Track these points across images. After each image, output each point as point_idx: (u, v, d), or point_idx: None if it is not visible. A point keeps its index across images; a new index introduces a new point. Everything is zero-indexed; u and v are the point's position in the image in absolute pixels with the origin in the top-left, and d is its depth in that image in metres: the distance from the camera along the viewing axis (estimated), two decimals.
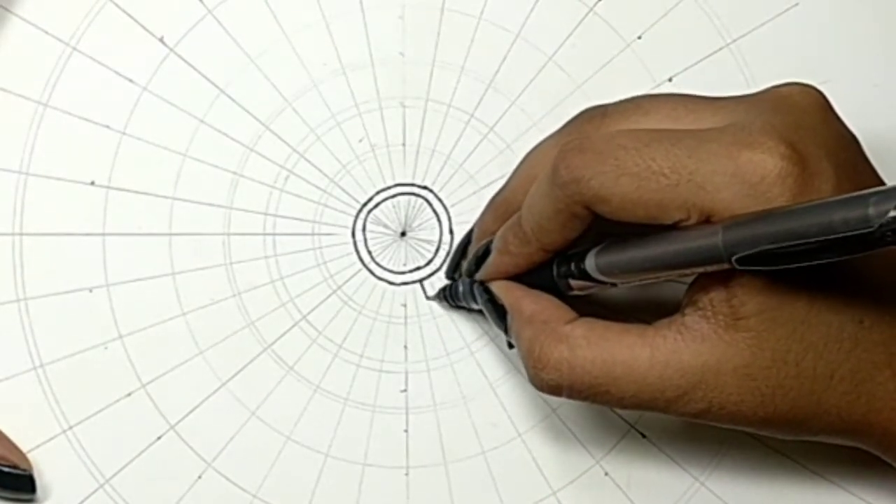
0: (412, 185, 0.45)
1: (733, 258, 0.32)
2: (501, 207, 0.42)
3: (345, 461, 0.43)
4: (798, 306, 0.34)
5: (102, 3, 0.45)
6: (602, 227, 0.37)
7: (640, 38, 0.46)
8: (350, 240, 0.45)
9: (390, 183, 0.45)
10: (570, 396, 0.37)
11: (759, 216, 0.32)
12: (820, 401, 0.35)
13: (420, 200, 0.45)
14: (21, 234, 0.44)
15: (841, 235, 0.29)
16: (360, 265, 0.45)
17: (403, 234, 0.45)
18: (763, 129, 0.34)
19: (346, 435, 0.43)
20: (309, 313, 0.44)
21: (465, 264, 0.43)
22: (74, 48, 0.45)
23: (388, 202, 0.45)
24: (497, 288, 0.41)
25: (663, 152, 0.34)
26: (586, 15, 0.46)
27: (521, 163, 0.41)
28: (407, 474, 0.43)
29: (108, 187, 0.44)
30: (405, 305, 0.44)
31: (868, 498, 0.43)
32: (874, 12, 0.46)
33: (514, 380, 0.44)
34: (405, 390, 0.44)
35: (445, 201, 0.45)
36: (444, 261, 0.45)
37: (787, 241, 0.31)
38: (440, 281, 0.45)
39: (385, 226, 0.45)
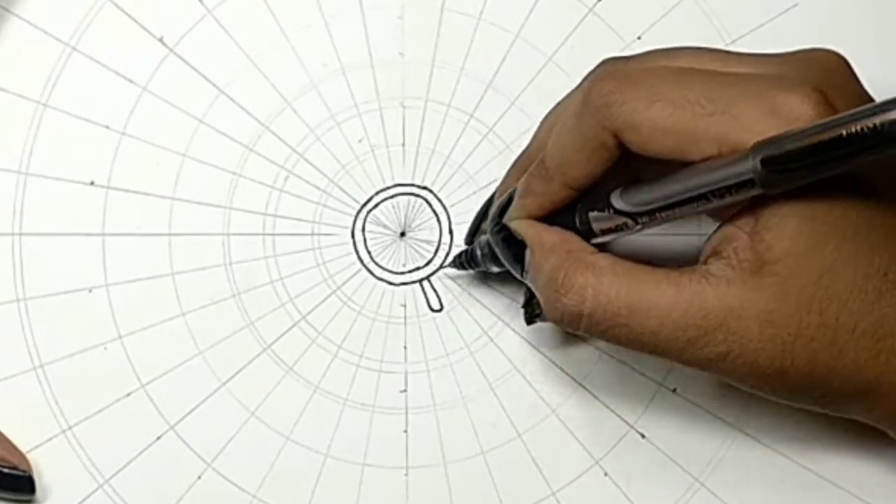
0: (412, 185, 0.45)
1: (759, 158, 0.32)
2: (525, 164, 0.41)
3: (344, 461, 0.43)
4: (825, 253, 0.34)
5: (102, 3, 0.45)
6: (626, 175, 0.37)
7: (639, 38, 0.46)
8: (349, 240, 0.45)
9: (390, 183, 0.45)
10: (587, 328, 0.36)
11: (787, 134, 0.32)
12: (839, 354, 0.34)
13: (420, 201, 0.45)
14: (21, 234, 0.44)
15: (870, 133, 0.30)
16: (359, 265, 0.45)
17: (403, 234, 0.45)
18: (798, 78, 0.34)
19: (346, 435, 0.43)
20: (308, 313, 0.44)
21: (485, 225, 0.42)
22: (74, 48, 0.45)
23: (388, 202, 0.45)
24: (517, 225, 0.39)
25: (700, 83, 0.34)
26: (586, 15, 0.46)
27: (543, 120, 0.41)
28: (406, 474, 0.43)
29: (107, 187, 0.44)
30: (405, 306, 0.44)
31: (868, 498, 0.43)
32: (874, 12, 0.46)
33: (514, 380, 0.44)
34: (405, 390, 0.44)
35: (445, 201, 0.45)
36: (444, 261, 0.45)
37: (816, 140, 0.31)
38: (441, 280, 0.45)
39: (384, 226, 0.45)
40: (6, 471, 0.40)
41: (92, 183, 0.44)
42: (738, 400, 0.43)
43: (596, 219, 0.37)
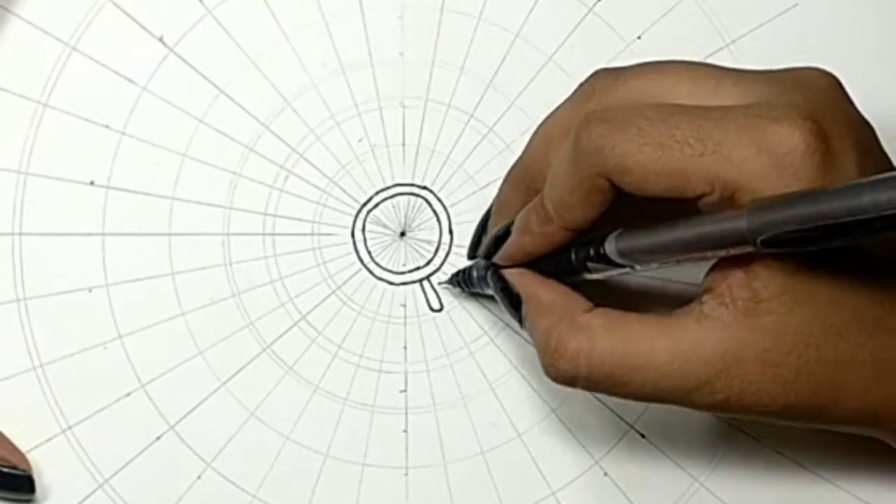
0: (412, 185, 0.45)
1: (759, 239, 0.32)
2: (518, 175, 0.41)
3: (344, 461, 0.43)
4: (820, 288, 0.34)
5: (102, 3, 0.45)
6: (622, 216, 0.37)
7: (639, 38, 0.46)
8: (349, 240, 0.45)
9: (390, 183, 0.45)
10: (585, 388, 0.36)
11: (786, 198, 0.32)
12: (841, 385, 0.34)
13: (420, 200, 0.45)
14: (20, 234, 0.44)
15: (869, 217, 0.30)
16: (359, 265, 0.45)
17: (403, 234, 0.45)
18: (789, 106, 0.34)
19: (346, 435, 0.43)
20: (308, 313, 0.44)
21: (484, 242, 0.43)
22: (74, 48, 0.45)
23: (388, 202, 0.45)
24: (512, 276, 0.40)
25: (688, 122, 0.34)
26: (586, 15, 0.46)
27: (537, 130, 0.41)
28: (406, 474, 0.43)
29: (107, 187, 0.44)
30: (405, 305, 0.44)
31: (868, 498, 0.43)
32: (874, 12, 0.46)
33: (513, 380, 0.44)
34: (404, 390, 0.44)
35: (445, 201, 0.45)
36: (444, 261, 0.45)
37: (815, 223, 0.31)
38: (441, 280, 0.45)
39: (384, 226, 0.45)
40: (6, 471, 0.40)
41: (92, 183, 0.44)
42: None
43: (591, 264, 0.38)
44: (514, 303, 0.40)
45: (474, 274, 0.43)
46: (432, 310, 0.44)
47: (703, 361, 0.34)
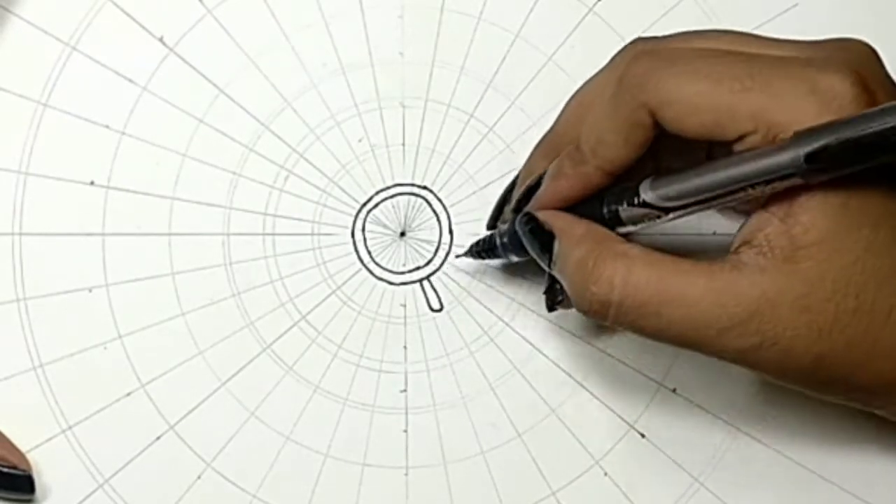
0: (412, 185, 0.45)
1: (804, 153, 0.32)
2: (551, 143, 0.41)
3: (344, 461, 0.43)
4: (860, 236, 0.34)
5: (102, 3, 0.45)
6: (652, 165, 0.36)
7: None
8: (349, 240, 0.45)
9: (390, 183, 0.45)
10: (615, 318, 0.36)
11: (829, 125, 0.32)
12: (876, 340, 0.34)
13: (419, 200, 0.45)
14: (21, 234, 0.44)
15: None
16: (359, 265, 0.45)
17: (403, 234, 0.45)
18: (836, 60, 0.34)
19: (346, 435, 0.43)
20: (308, 313, 0.44)
21: (508, 209, 0.42)
22: (74, 48, 0.45)
23: (388, 202, 0.45)
24: (545, 215, 0.39)
25: (739, 61, 0.34)
26: (586, 15, 0.46)
27: (571, 98, 0.40)
28: (406, 474, 0.43)
29: (107, 187, 0.44)
30: (405, 305, 0.44)
31: (868, 498, 0.43)
32: (874, 12, 0.46)
33: (514, 380, 0.44)
34: (404, 390, 0.44)
35: (445, 201, 0.45)
36: (444, 261, 0.45)
37: (861, 133, 0.31)
38: (441, 280, 0.45)
39: (384, 226, 0.45)
40: (6, 471, 0.40)
41: (92, 183, 0.44)
42: (739, 400, 0.43)
43: (624, 210, 0.37)
44: (544, 243, 0.38)
45: (497, 240, 0.42)
46: (432, 310, 0.44)
47: (737, 301, 0.34)
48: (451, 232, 0.45)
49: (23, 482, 0.40)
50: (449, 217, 0.45)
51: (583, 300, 0.36)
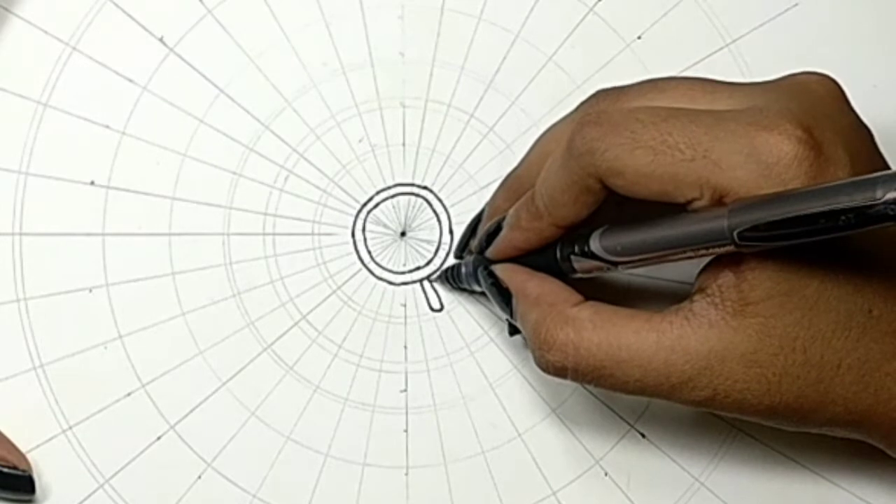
0: (412, 185, 0.45)
1: (736, 232, 0.32)
2: (514, 185, 0.41)
3: (344, 461, 0.43)
4: (808, 293, 0.34)
5: (102, 3, 0.45)
6: (611, 214, 0.37)
7: (639, 38, 0.46)
8: (350, 240, 0.45)
9: (390, 183, 0.45)
10: (574, 379, 0.37)
11: (767, 198, 0.32)
12: (826, 390, 0.35)
13: (420, 200, 0.45)
14: (21, 234, 0.44)
15: (841, 207, 0.30)
16: (359, 265, 0.45)
17: (403, 234, 0.45)
18: (781, 112, 0.34)
19: (346, 435, 0.43)
20: (309, 313, 0.44)
21: (473, 243, 0.43)
22: (74, 48, 0.45)
23: (388, 202, 0.45)
24: (501, 271, 0.40)
25: (680, 128, 0.34)
26: (586, 15, 0.46)
27: (535, 142, 0.41)
28: (406, 474, 0.43)
29: (107, 187, 0.44)
30: (405, 305, 0.44)
31: (868, 498, 0.43)
32: (874, 12, 0.46)
33: (514, 380, 0.44)
34: (405, 390, 0.44)
35: (445, 201, 0.45)
36: (444, 261, 0.45)
37: (789, 215, 0.31)
38: (439, 281, 0.45)
39: (385, 226, 0.45)
40: (6, 471, 0.40)
41: (92, 183, 0.44)
42: None
43: (577, 260, 0.38)
44: (504, 297, 0.40)
45: (463, 270, 0.43)
46: (432, 310, 0.44)
47: (687, 358, 0.35)
48: (451, 232, 0.45)
49: (23, 482, 0.40)
50: (449, 217, 0.45)
51: (541, 363, 0.37)
